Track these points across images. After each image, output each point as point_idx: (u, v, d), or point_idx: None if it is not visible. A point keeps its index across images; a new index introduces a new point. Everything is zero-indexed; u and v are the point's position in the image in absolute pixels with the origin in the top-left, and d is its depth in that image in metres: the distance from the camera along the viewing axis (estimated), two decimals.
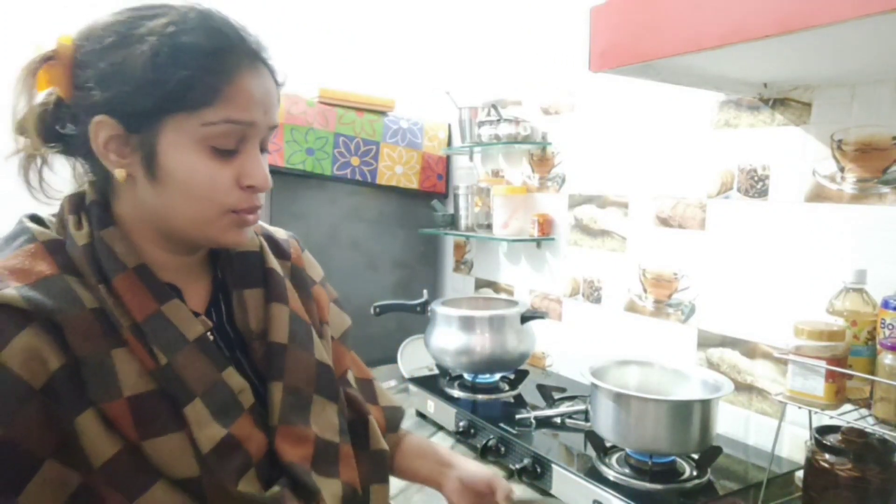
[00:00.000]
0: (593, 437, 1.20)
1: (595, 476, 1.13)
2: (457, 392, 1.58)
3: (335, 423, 0.76)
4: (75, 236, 0.64)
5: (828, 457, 0.94)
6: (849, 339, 0.97)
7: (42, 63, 0.65)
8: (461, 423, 1.43)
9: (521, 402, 1.53)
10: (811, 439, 0.98)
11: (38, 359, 0.57)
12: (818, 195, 1.21)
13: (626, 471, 1.14)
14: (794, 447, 1.22)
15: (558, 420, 1.40)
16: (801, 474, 1.06)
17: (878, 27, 0.77)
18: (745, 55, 0.98)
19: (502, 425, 1.35)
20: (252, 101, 0.66)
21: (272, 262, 0.79)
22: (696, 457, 1.17)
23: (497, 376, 1.66)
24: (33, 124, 0.66)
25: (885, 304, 0.92)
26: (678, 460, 1.19)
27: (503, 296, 2.02)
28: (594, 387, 1.17)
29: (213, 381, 0.65)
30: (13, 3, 1.76)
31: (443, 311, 1.62)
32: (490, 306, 1.70)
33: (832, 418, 0.97)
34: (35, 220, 0.68)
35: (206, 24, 0.65)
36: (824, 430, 0.98)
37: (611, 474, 1.14)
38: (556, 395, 1.53)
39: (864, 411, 0.97)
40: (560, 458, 1.21)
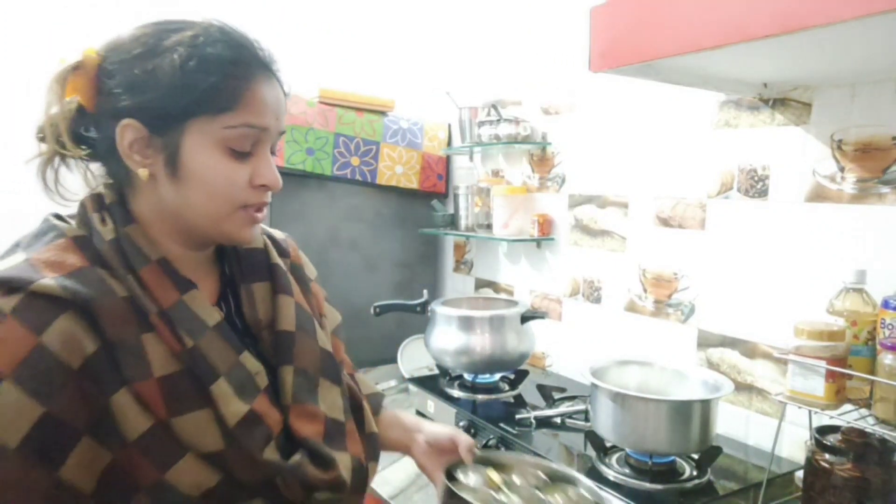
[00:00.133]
0: (593, 437, 1.20)
1: (595, 476, 1.13)
2: (457, 392, 1.58)
3: (340, 403, 0.82)
4: (102, 232, 0.70)
5: (828, 457, 0.94)
6: (849, 339, 0.97)
7: (71, 72, 0.71)
8: (461, 423, 1.43)
9: (521, 402, 1.53)
10: (811, 439, 0.98)
11: (74, 342, 0.62)
12: (818, 195, 1.21)
13: (626, 471, 1.14)
14: (794, 447, 1.22)
15: (558, 420, 1.40)
16: (801, 474, 1.06)
17: (878, 27, 0.77)
18: (745, 55, 0.98)
19: (502, 425, 1.35)
20: (266, 108, 0.72)
21: (276, 258, 0.86)
22: (696, 457, 1.18)
23: (497, 376, 1.66)
24: (54, 130, 0.71)
25: (885, 304, 0.92)
26: (678, 460, 1.19)
27: (503, 296, 2.02)
28: (594, 387, 1.17)
29: (233, 363, 0.71)
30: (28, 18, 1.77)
31: (443, 311, 1.62)
32: (490, 306, 1.70)
33: (832, 418, 0.97)
34: (59, 218, 0.73)
35: (227, 36, 0.72)
36: (824, 430, 0.98)
37: (611, 474, 1.14)
38: (556, 395, 1.53)
39: (864, 411, 0.97)
40: (560, 458, 1.21)
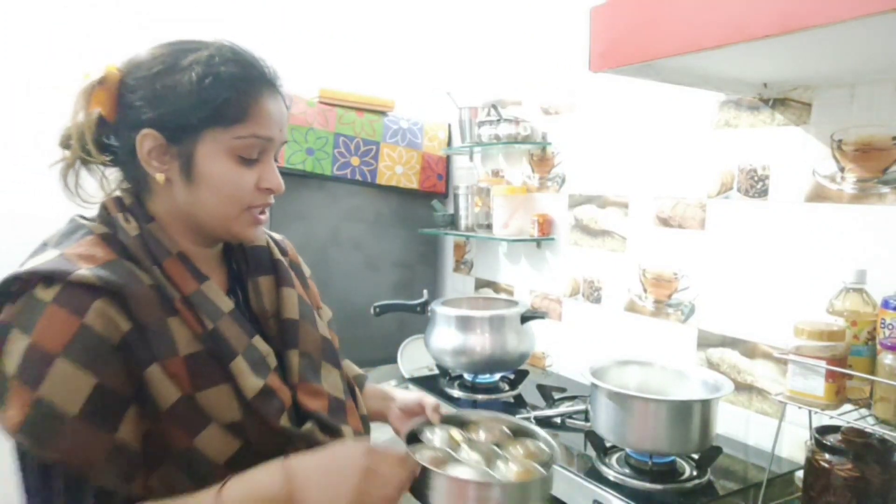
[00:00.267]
0: (593, 437, 1.20)
1: (595, 476, 1.13)
2: (457, 392, 1.58)
3: (340, 384, 0.91)
4: (127, 229, 0.77)
5: (828, 457, 0.94)
6: (849, 339, 0.97)
7: (95, 87, 0.78)
8: None
9: (521, 402, 1.53)
10: (811, 439, 0.98)
11: (111, 322, 0.70)
12: (818, 195, 1.21)
13: (626, 471, 1.14)
14: (794, 447, 1.22)
15: (558, 420, 1.40)
16: (801, 474, 1.06)
17: (877, 27, 0.77)
18: (745, 55, 0.98)
19: None
20: (272, 121, 0.80)
21: (278, 254, 0.94)
22: (696, 457, 1.17)
23: (497, 376, 1.66)
24: (80, 138, 0.79)
25: (885, 304, 0.92)
26: (678, 460, 1.19)
27: (503, 296, 2.02)
28: (594, 387, 1.17)
29: (247, 345, 0.80)
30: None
31: (443, 311, 1.62)
32: (490, 306, 1.70)
33: (832, 418, 0.96)
34: (83, 219, 0.80)
35: (237, 56, 0.79)
36: (824, 430, 0.98)
37: (611, 474, 1.14)
38: (556, 395, 1.53)
39: (864, 411, 0.97)
40: (560, 458, 1.21)
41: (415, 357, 1.96)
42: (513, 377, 1.64)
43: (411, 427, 0.95)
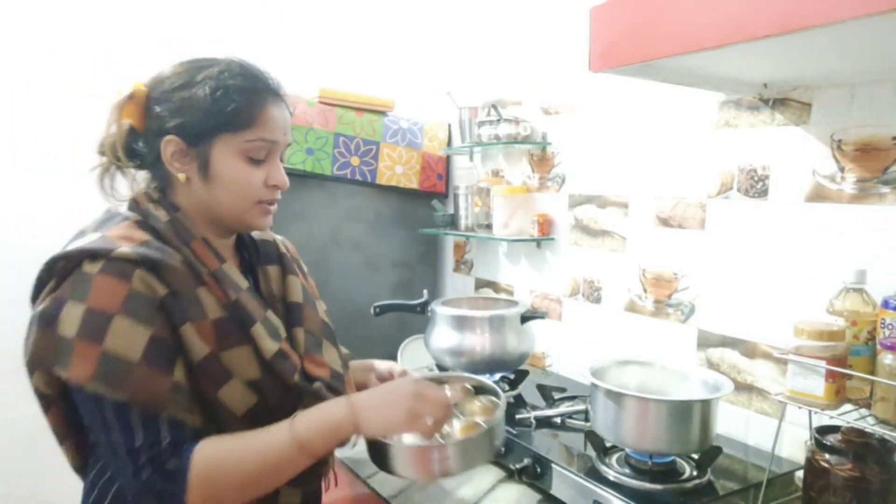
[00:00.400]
0: (593, 437, 1.20)
1: (595, 476, 1.13)
2: None
3: (338, 360, 1.04)
4: (158, 216, 0.90)
5: (828, 457, 0.94)
6: (849, 339, 0.97)
7: (126, 101, 0.91)
8: None
9: (521, 402, 1.53)
10: (811, 439, 0.98)
11: (152, 287, 0.83)
12: (818, 195, 1.21)
13: (626, 471, 1.14)
14: (794, 447, 1.22)
15: (558, 420, 1.40)
16: (801, 474, 1.06)
17: (878, 27, 0.77)
18: (745, 55, 0.98)
19: None
20: (276, 126, 0.93)
21: (283, 249, 1.09)
22: (696, 457, 1.17)
23: (497, 376, 1.66)
24: (112, 146, 0.92)
25: (885, 304, 0.92)
26: (678, 460, 1.19)
27: (503, 296, 2.02)
28: (594, 387, 1.17)
29: (263, 316, 0.93)
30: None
31: (443, 311, 1.62)
32: (490, 306, 1.70)
33: (832, 418, 0.96)
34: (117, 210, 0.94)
35: (245, 70, 0.92)
36: (824, 430, 0.98)
37: (611, 474, 1.14)
38: (556, 395, 1.53)
39: (864, 411, 0.97)
40: (560, 458, 1.21)
41: (415, 357, 1.96)
42: (513, 377, 1.64)
43: None
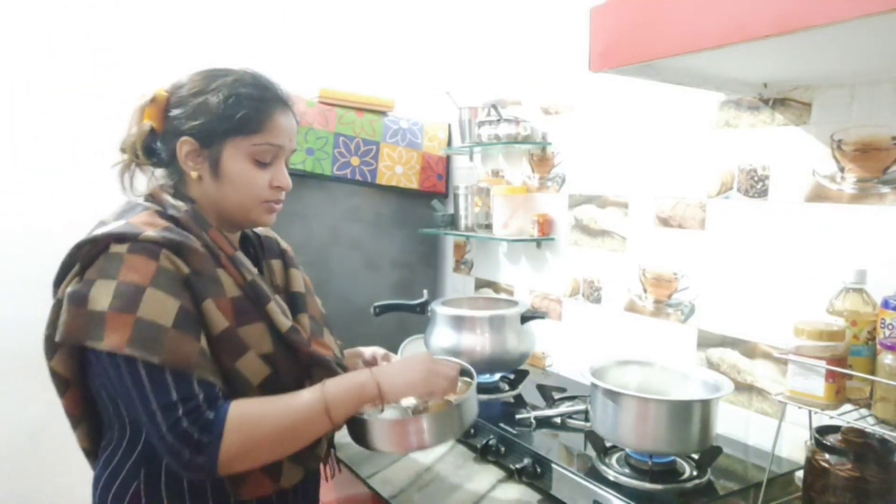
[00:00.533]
0: (593, 437, 1.20)
1: (595, 476, 1.13)
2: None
3: (337, 347, 1.12)
4: (177, 206, 0.98)
5: (828, 457, 0.94)
6: (849, 339, 0.97)
7: (148, 104, 1.00)
8: None
9: (521, 402, 1.53)
10: (811, 439, 0.98)
11: (176, 265, 0.91)
12: (818, 195, 1.21)
13: (626, 471, 1.14)
14: (794, 447, 1.22)
15: (558, 420, 1.40)
16: (801, 474, 1.06)
17: (878, 27, 0.77)
18: (745, 55, 0.98)
19: (502, 425, 1.35)
20: (283, 132, 1.01)
21: (284, 245, 1.19)
22: (696, 457, 1.17)
23: (497, 376, 1.66)
24: (132, 145, 1.01)
25: (885, 304, 0.92)
26: (678, 460, 1.19)
27: (503, 296, 2.02)
28: (594, 387, 1.17)
29: (273, 298, 1.00)
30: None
31: (443, 311, 1.62)
32: (490, 306, 1.70)
33: (832, 418, 0.96)
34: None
35: (256, 81, 1.01)
36: (824, 430, 0.98)
37: (611, 474, 1.14)
38: (556, 395, 1.53)
39: (864, 411, 0.97)
40: (560, 458, 1.21)
41: None
42: (513, 377, 1.64)
43: None
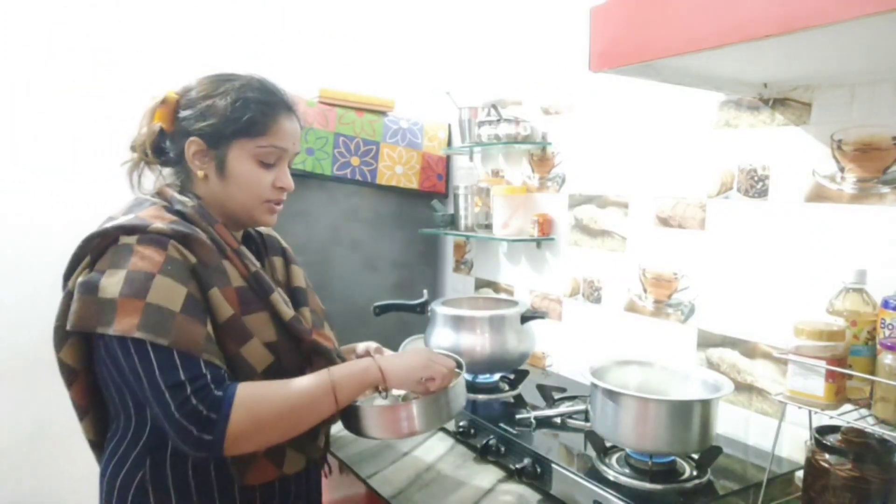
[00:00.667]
0: (593, 437, 1.20)
1: (595, 476, 1.13)
2: None
3: (335, 339, 1.16)
4: (185, 202, 1.02)
5: (828, 457, 0.94)
6: (849, 339, 0.97)
7: (159, 106, 1.04)
8: (461, 423, 1.43)
9: (521, 402, 1.53)
10: (811, 439, 0.98)
11: (184, 255, 0.95)
12: (818, 195, 1.21)
13: (626, 471, 1.14)
14: (794, 447, 1.22)
15: (558, 420, 1.40)
16: (801, 474, 1.06)
17: (878, 27, 0.77)
18: (745, 55, 0.98)
19: (502, 425, 1.35)
20: (287, 135, 1.05)
21: (284, 243, 1.24)
22: (696, 457, 1.17)
23: (497, 376, 1.66)
24: (142, 145, 1.06)
25: (885, 304, 0.92)
26: (678, 460, 1.19)
27: (503, 296, 2.02)
28: (594, 387, 1.17)
29: (276, 289, 1.05)
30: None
31: (443, 311, 1.62)
32: (490, 306, 1.70)
33: (832, 418, 0.96)
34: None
35: (262, 85, 1.05)
36: (824, 430, 0.98)
37: (611, 474, 1.14)
38: (556, 395, 1.53)
39: (864, 411, 0.97)
40: (560, 458, 1.21)
41: None
42: (513, 377, 1.64)
43: None
